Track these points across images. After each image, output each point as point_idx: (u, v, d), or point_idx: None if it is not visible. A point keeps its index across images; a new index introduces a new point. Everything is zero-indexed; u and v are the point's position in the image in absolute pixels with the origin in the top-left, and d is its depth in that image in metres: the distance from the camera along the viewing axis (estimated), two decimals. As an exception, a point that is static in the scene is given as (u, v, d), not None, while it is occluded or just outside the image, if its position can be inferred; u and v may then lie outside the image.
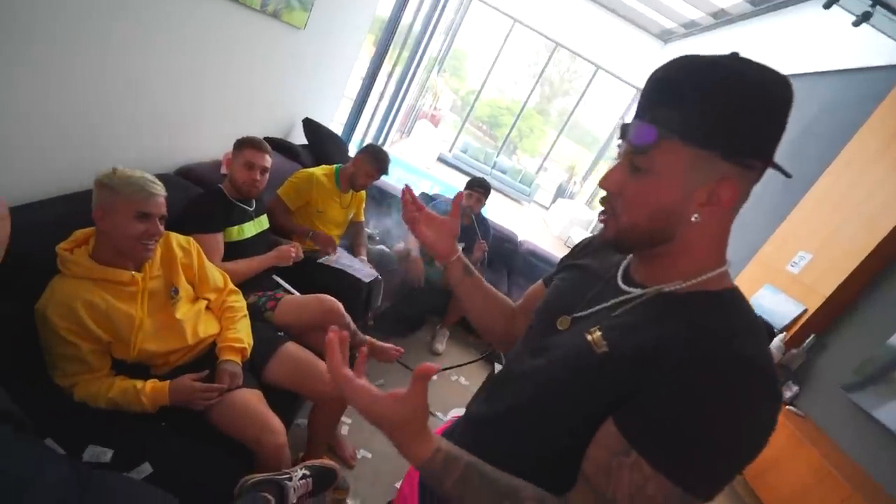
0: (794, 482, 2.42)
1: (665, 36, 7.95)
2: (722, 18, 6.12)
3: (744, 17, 5.69)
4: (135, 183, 1.02)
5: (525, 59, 10.84)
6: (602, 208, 0.58)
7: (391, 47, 4.54)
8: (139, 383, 1.05)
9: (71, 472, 0.76)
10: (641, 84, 0.55)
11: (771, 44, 5.01)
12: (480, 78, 10.52)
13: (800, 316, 3.11)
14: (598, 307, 0.59)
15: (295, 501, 0.97)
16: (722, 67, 0.47)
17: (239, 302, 1.37)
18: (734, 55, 0.48)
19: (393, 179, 6.40)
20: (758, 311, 3.36)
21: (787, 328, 3.14)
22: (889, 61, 3.40)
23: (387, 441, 0.53)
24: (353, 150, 2.80)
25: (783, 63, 4.55)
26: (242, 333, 1.27)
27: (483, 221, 2.62)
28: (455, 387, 2.44)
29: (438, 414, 2.17)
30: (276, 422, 1.13)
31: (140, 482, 0.89)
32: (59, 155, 1.28)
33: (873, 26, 3.31)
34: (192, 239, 1.30)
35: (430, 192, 3.29)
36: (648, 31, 8.03)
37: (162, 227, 1.08)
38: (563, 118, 10.74)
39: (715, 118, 0.47)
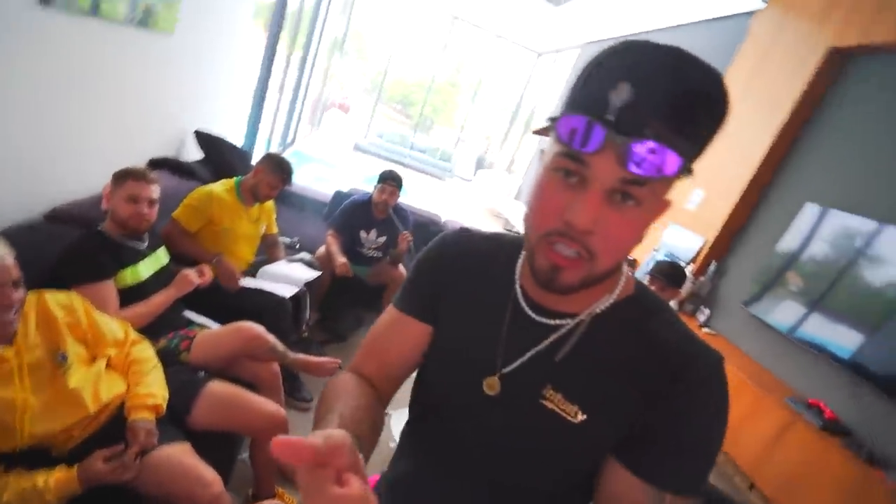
0: (714, 395, 2.74)
1: (555, -2, 8.16)
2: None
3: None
4: None
5: (428, 33, 10.68)
6: (553, 239, 0.44)
7: (283, 34, 4.26)
8: (40, 479, 0.92)
9: None
10: (541, 48, 0.41)
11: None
12: (386, 58, 10.23)
13: (702, 247, 3.46)
14: (530, 354, 0.51)
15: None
16: (714, 77, 0.39)
17: (146, 351, 1.26)
18: (680, 52, 0.39)
19: (310, 178, 6.18)
20: (666, 248, 3.71)
21: (693, 260, 3.48)
22: (742, 9, 3.77)
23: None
24: (258, 155, 2.64)
25: (650, 19, 4.88)
26: (154, 387, 1.17)
27: (401, 212, 2.60)
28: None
29: (392, 413, 2.17)
30: (208, 473, 1.06)
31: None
32: None
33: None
34: (73, 293, 1.17)
35: (346, 190, 3.19)
36: (537, -6, 8.19)
37: (18, 293, 0.94)
38: (474, 88, 10.80)
39: (705, 139, 0.41)
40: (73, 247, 1.35)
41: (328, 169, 6.92)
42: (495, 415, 0.52)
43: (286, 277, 2.07)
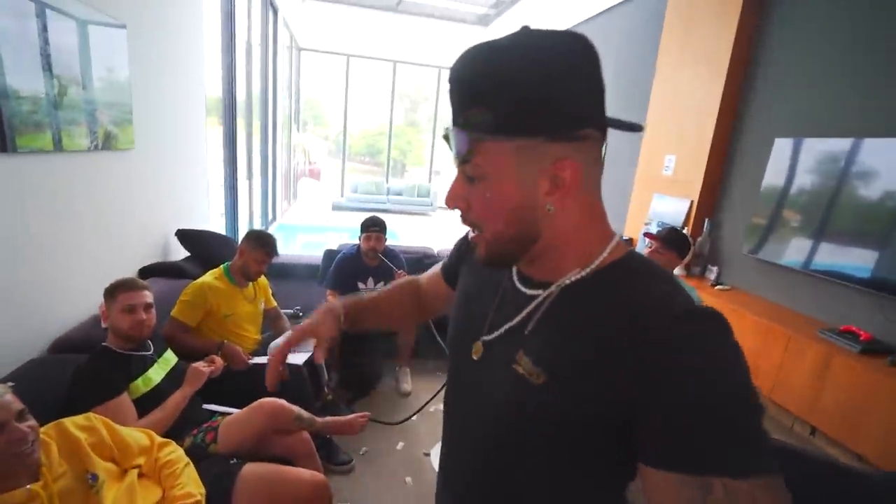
0: (748, 348, 2.67)
1: (483, 21, 8.56)
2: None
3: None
4: None
5: (374, 83, 11.10)
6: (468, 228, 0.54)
7: (239, 122, 4.43)
8: None
9: None
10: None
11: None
12: (342, 118, 10.57)
13: (690, 208, 3.49)
14: (506, 326, 0.53)
15: None
16: (513, 50, 0.44)
17: (174, 453, 1.25)
18: (525, 30, 0.45)
19: (298, 247, 6.25)
20: (655, 217, 3.73)
21: (686, 223, 3.51)
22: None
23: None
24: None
25: (581, 9, 5.11)
26: (190, 485, 1.15)
27: (390, 254, 2.63)
28: (437, 416, 2.40)
29: (431, 452, 2.12)
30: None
31: None
32: None
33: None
34: (90, 414, 1.17)
35: (336, 247, 3.24)
36: (466, 21, 8.60)
37: (28, 423, 0.94)
38: (433, 122, 11.13)
39: (524, 103, 0.43)
40: (82, 371, 1.37)
41: (314, 234, 7.01)
42: (478, 378, 0.56)
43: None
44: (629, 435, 0.43)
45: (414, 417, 2.32)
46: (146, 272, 2.32)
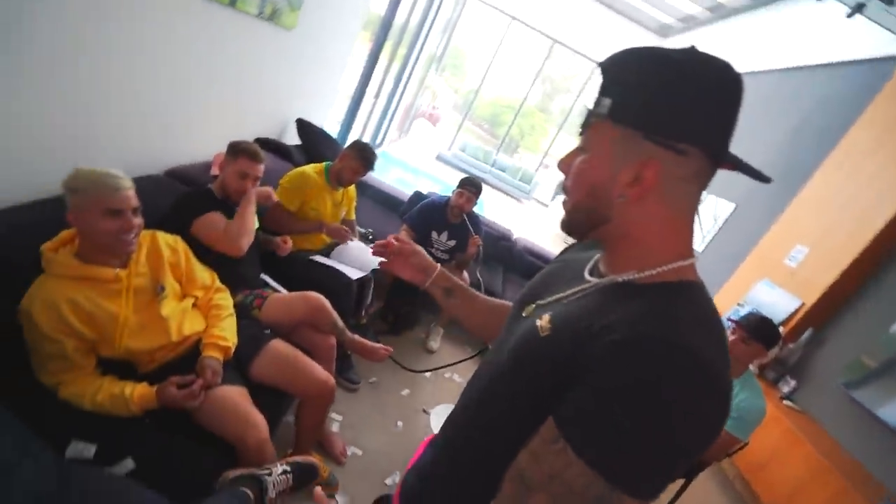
0: (789, 477, 2.42)
1: (663, 31, 7.92)
2: (719, 12, 6.10)
3: (740, 10, 5.66)
4: (96, 181, 1.02)
5: (524, 56, 10.82)
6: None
7: (387, 44, 4.55)
8: (127, 388, 1.05)
9: (52, 467, 0.78)
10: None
11: (767, 37, 4.98)
12: (480, 76, 10.50)
13: (797, 310, 3.10)
14: (558, 295, 0.59)
15: (274, 496, 0.99)
16: (657, 55, 0.48)
17: (225, 300, 1.39)
18: (690, 48, 0.49)
19: (391, 179, 6.45)
20: (755, 305, 3.36)
21: (784, 322, 3.13)
22: (883, 53, 3.37)
23: (377, 437, 0.58)
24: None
25: (779, 56, 4.53)
26: (227, 332, 1.28)
27: (475, 219, 2.63)
28: (448, 384, 2.45)
29: (431, 412, 2.18)
30: (258, 417, 1.14)
31: (121, 480, 0.90)
32: (47, 157, 1.30)
33: (867, 17, 3.29)
34: (179, 238, 1.32)
35: (426, 192, 3.29)
36: (646, 26, 8.00)
37: (137, 220, 1.08)
38: (565, 116, 10.72)
39: (638, 97, 0.48)
40: (185, 197, 1.54)
41: (409, 174, 7.19)
42: (514, 330, 0.62)
43: (357, 260, 2.16)
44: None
45: (428, 374, 2.39)
46: (260, 142, 2.52)
